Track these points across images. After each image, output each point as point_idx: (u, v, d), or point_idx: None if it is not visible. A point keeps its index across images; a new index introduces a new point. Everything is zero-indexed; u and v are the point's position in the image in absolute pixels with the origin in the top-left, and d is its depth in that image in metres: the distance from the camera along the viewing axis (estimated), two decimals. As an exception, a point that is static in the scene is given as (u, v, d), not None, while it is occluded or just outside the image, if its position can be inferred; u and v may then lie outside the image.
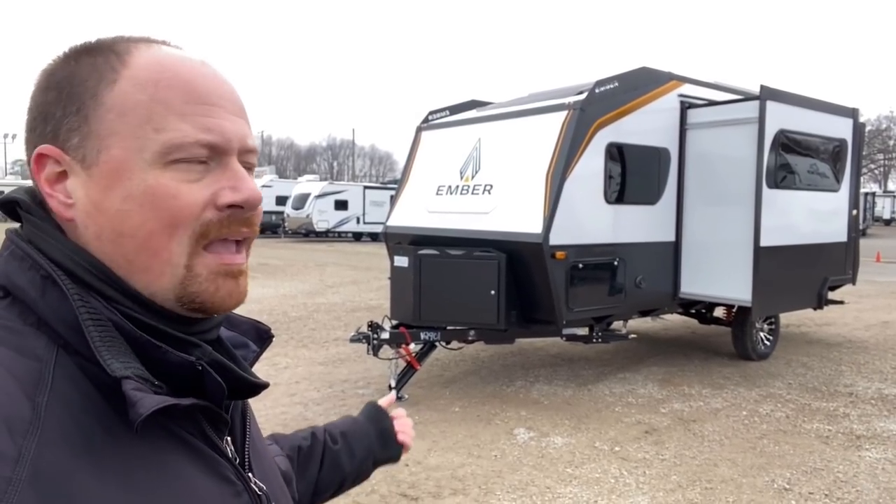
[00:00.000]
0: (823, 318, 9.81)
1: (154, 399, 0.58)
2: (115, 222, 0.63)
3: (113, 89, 0.63)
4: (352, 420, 1.21)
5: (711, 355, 7.61)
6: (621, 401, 5.90)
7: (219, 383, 0.65)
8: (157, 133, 0.62)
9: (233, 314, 0.81)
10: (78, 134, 0.63)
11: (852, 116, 7.33)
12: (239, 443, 0.74)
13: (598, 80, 5.90)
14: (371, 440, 1.18)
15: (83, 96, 0.63)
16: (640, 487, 4.17)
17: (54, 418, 0.56)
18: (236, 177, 0.66)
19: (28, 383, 0.57)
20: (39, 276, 0.62)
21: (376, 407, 1.25)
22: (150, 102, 0.62)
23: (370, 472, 1.19)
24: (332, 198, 28.49)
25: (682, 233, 6.70)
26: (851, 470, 4.44)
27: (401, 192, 7.24)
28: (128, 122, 0.62)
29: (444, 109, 7.55)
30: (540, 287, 5.71)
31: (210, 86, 0.66)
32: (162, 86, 0.63)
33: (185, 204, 0.63)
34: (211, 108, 0.65)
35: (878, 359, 7.50)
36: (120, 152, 0.62)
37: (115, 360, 0.59)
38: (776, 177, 6.44)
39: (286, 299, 11.45)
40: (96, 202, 0.63)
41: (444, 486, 4.16)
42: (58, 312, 0.61)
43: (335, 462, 1.12)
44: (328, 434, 1.15)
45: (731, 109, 6.52)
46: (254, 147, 0.70)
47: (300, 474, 1.07)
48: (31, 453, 0.53)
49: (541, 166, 5.73)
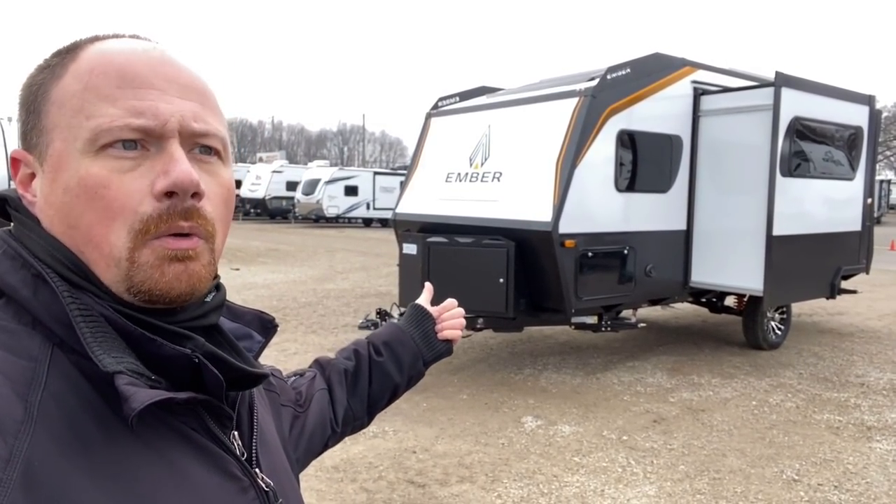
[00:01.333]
0: (836, 308, 9.73)
1: (148, 393, 0.57)
2: (61, 214, 0.62)
3: (57, 84, 0.63)
4: (394, 327, 1.21)
5: (722, 344, 7.57)
6: (630, 389, 5.89)
7: (216, 375, 0.64)
8: (87, 120, 0.61)
9: (236, 305, 0.81)
10: (35, 132, 0.64)
11: (868, 104, 7.21)
12: (246, 437, 0.73)
13: (610, 67, 5.83)
14: (415, 344, 1.19)
15: (38, 94, 0.64)
16: (647, 477, 4.17)
17: (48, 418, 0.55)
18: (170, 160, 0.62)
19: (20, 383, 0.56)
20: (31, 274, 0.62)
21: (417, 308, 1.24)
22: (83, 91, 0.62)
23: (423, 372, 1.21)
24: (343, 183, 28.49)
25: (694, 221, 6.64)
26: (861, 461, 4.41)
27: (410, 178, 7.21)
28: (64, 113, 0.62)
29: (454, 96, 7.49)
30: (549, 275, 5.69)
31: (148, 69, 0.64)
32: (95, 73, 0.62)
33: (119, 194, 0.61)
34: (145, 92, 0.62)
35: (890, 349, 7.43)
36: (60, 144, 0.62)
37: (107, 355, 0.58)
38: (790, 165, 6.35)
39: (296, 285, 11.48)
40: (46, 196, 0.63)
41: (452, 473, 4.17)
42: (50, 310, 0.60)
43: (383, 373, 1.14)
44: (372, 346, 1.17)
45: (745, 96, 6.42)
46: (203, 130, 0.65)
47: (351, 392, 1.11)
48: (23, 454, 0.53)
49: (551, 154, 5.68)
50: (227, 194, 0.69)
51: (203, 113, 0.66)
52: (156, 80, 0.63)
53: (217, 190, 0.67)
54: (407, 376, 1.17)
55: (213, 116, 0.67)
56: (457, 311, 1.27)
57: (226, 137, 0.69)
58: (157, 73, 0.64)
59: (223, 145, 0.68)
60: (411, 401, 5.52)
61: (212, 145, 0.67)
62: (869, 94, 7.25)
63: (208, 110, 0.67)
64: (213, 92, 0.70)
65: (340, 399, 1.10)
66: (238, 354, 0.73)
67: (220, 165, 0.68)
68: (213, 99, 0.69)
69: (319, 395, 1.07)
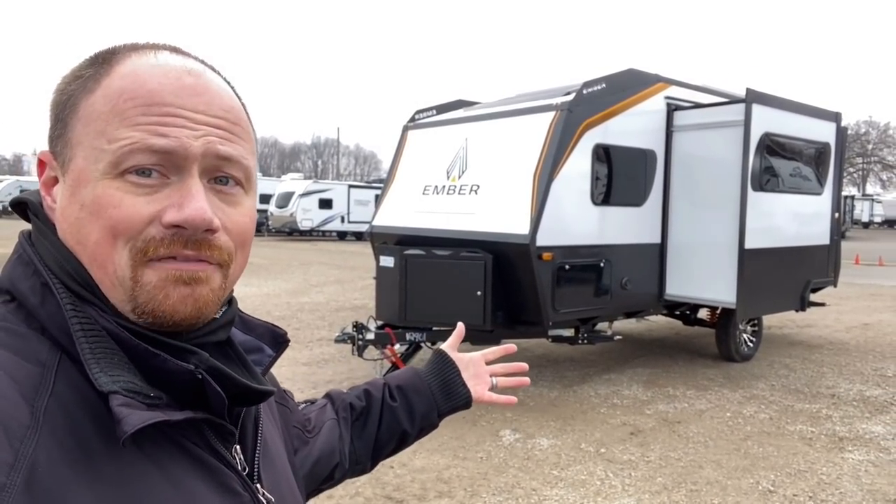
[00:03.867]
0: (805, 320, 9.91)
1: (141, 416, 0.56)
2: (73, 229, 0.63)
3: (88, 99, 0.63)
4: (413, 373, 1.15)
5: (695, 356, 7.65)
6: (606, 402, 5.90)
7: (218, 393, 0.63)
8: (109, 144, 0.61)
9: (249, 317, 0.81)
10: (60, 141, 0.64)
11: (835, 120, 7.40)
12: (249, 452, 0.72)
13: (586, 82, 5.90)
14: (432, 394, 1.12)
15: (67, 104, 0.64)
16: (625, 489, 4.17)
17: (53, 424, 0.55)
18: (186, 194, 0.61)
19: (28, 387, 0.56)
20: (39, 282, 0.62)
21: (440, 355, 1.18)
22: (108, 115, 0.61)
23: (437, 424, 1.14)
24: (317, 196, 28.31)
25: (668, 234, 6.72)
26: (835, 472, 4.47)
27: (387, 191, 7.19)
28: (89, 132, 0.62)
29: (431, 109, 7.51)
30: (526, 288, 5.69)
31: (178, 96, 0.62)
32: (125, 97, 0.61)
33: (126, 214, 0.60)
34: (171, 118, 0.61)
35: (858, 360, 7.58)
36: (81, 161, 0.62)
37: (104, 373, 0.57)
38: (761, 179, 6.48)
39: (269, 298, 11.35)
40: (63, 208, 0.64)
41: (430, 488, 4.13)
42: (55, 321, 0.60)
43: (393, 419, 1.09)
44: (388, 389, 1.12)
45: (716, 112, 6.54)
46: (226, 154, 0.64)
47: (358, 433, 1.07)
48: (28, 459, 0.52)
49: (528, 167, 5.71)
50: (249, 224, 0.68)
51: (230, 139, 0.65)
52: (185, 108, 0.62)
53: (238, 219, 0.66)
54: (419, 427, 1.12)
55: (241, 144, 0.66)
56: (517, 366, 1.22)
57: (250, 167, 0.68)
58: (188, 100, 0.63)
59: (246, 175, 0.67)
60: (388, 415, 5.46)
61: (233, 174, 0.66)
62: (836, 111, 7.44)
63: (236, 137, 0.66)
64: (247, 119, 0.69)
65: (345, 436, 1.07)
66: (246, 369, 0.73)
67: (242, 195, 0.67)
68: (244, 126, 0.68)
69: (330, 424, 1.05)
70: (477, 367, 1.18)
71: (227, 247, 0.65)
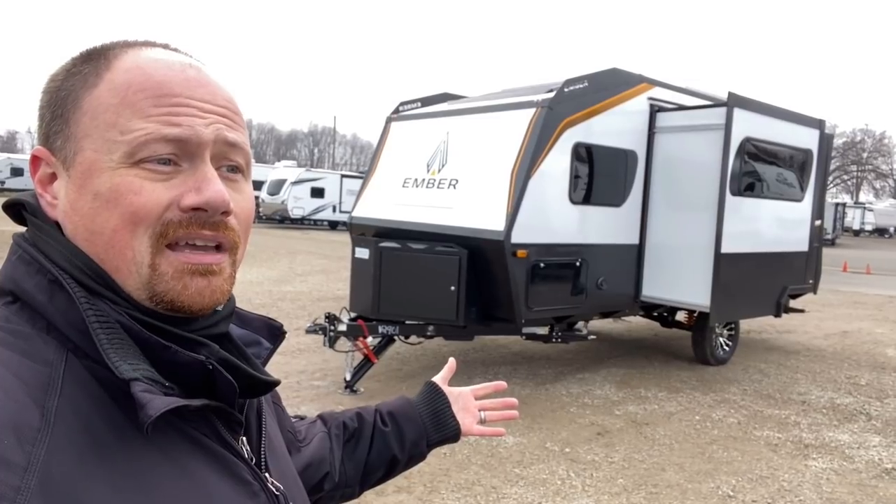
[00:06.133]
0: (784, 326, 9.94)
1: (164, 401, 0.57)
2: (86, 220, 0.63)
3: (91, 93, 0.64)
4: (404, 401, 1.17)
5: (671, 358, 7.65)
6: (577, 401, 5.90)
7: (230, 382, 0.65)
8: (122, 135, 0.62)
9: (244, 311, 0.82)
10: (61, 136, 0.64)
11: (819, 127, 7.38)
12: (255, 442, 0.74)
13: (568, 79, 5.86)
14: (422, 422, 1.14)
15: (67, 100, 0.64)
16: (585, 490, 4.16)
17: (64, 424, 0.56)
18: (203, 178, 0.64)
19: (37, 388, 0.56)
20: (46, 280, 0.62)
21: (431, 386, 1.20)
22: (119, 106, 0.63)
23: (425, 453, 1.16)
24: (309, 185, 28.20)
25: (646, 236, 6.70)
26: (796, 479, 4.47)
27: (367, 182, 7.15)
28: (98, 125, 0.63)
29: (416, 101, 7.46)
30: (500, 285, 5.67)
31: (185, 87, 0.65)
32: (133, 89, 0.63)
33: (147, 200, 0.62)
34: (182, 108, 0.64)
35: (833, 368, 7.60)
36: (91, 154, 0.63)
37: (124, 362, 0.58)
38: (740, 184, 6.47)
39: (251, 286, 11.30)
40: (72, 201, 0.64)
41: (389, 483, 4.10)
42: (66, 316, 0.61)
43: (384, 443, 1.10)
44: (378, 414, 1.13)
45: (698, 115, 6.52)
46: (234, 140, 0.67)
47: (349, 455, 1.08)
48: (41, 461, 0.53)
49: (506, 163, 5.68)
50: (250, 209, 0.71)
51: (234, 127, 0.68)
52: (193, 99, 0.65)
53: (243, 205, 0.69)
54: (408, 454, 1.12)
55: (241, 132, 0.70)
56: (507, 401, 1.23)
57: (250, 154, 0.72)
58: (195, 91, 0.65)
59: (246, 161, 0.70)
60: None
61: (238, 162, 0.69)
62: (819, 118, 7.43)
63: (238, 126, 0.69)
64: (241, 111, 0.72)
65: (336, 451, 1.07)
66: (247, 362, 0.73)
67: (243, 182, 0.70)
68: (242, 117, 0.71)
69: (321, 436, 1.06)
70: (466, 401, 1.21)
71: (237, 229, 0.68)
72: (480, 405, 1.22)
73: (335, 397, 5.68)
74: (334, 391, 5.83)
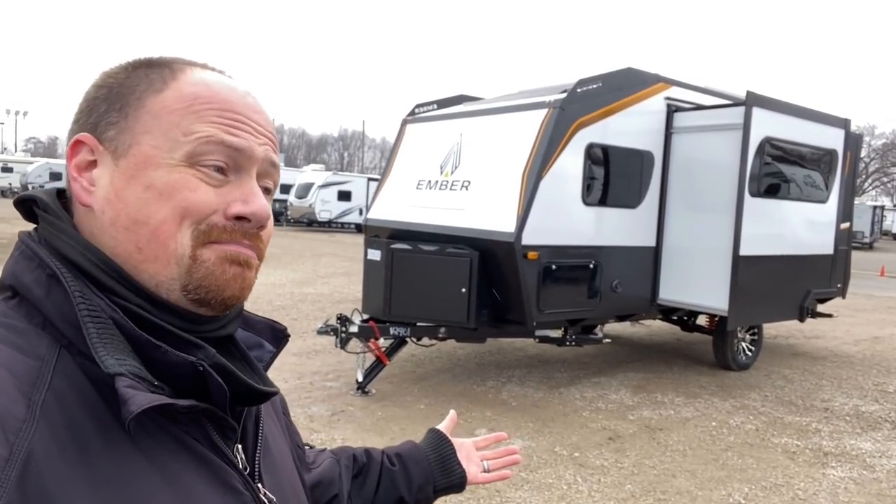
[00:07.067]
0: (813, 331, 9.68)
1: (147, 397, 0.57)
2: (132, 209, 0.65)
3: (157, 96, 0.67)
4: (411, 444, 1.18)
5: (691, 363, 7.50)
6: (590, 405, 5.82)
7: (220, 386, 0.64)
8: (185, 137, 0.66)
9: (248, 314, 0.82)
10: (115, 128, 0.66)
11: (844, 127, 7.17)
12: (250, 451, 0.72)
13: (580, 80, 5.80)
14: (429, 466, 1.14)
15: (129, 97, 0.67)
16: (591, 495, 4.09)
17: (49, 419, 0.56)
18: (250, 192, 0.68)
19: (26, 381, 0.56)
20: (45, 274, 0.63)
21: (435, 433, 1.20)
22: (184, 111, 0.66)
23: (432, 499, 1.14)
24: (336, 188, 28.40)
25: (663, 238, 6.58)
26: (812, 487, 4.34)
27: (383, 184, 7.17)
28: (160, 124, 0.66)
29: (432, 103, 7.45)
30: (511, 287, 5.63)
31: (245, 109, 0.70)
32: (200, 100, 0.67)
33: (200, 199, 0.65)
34: (241, 125, 0.68)
35: (861, 374, 7.37)
36: (149, 149, 0.65)
37: (111, 356, 0.58)
38: (759, 185, 6.31)
39: (274, 287, 11.41)
40: (118, 189, 0.65)
41: (392, 484, 4.09)
42: (61, 310, 0.61)
43: (392, 484, 1.10)
44: (385, 455, 1.13)
45: (716, 114, 6.38)
46: (276, 164, 0.72)
47: (356, 491, 1.07)
48: (22, 453, 0.53)
49: (518, 164, 5.64)
50: (272, 227, 0.75)
51: (276, 152, 0.73)
52: (251, 120, 0.70)
53: (270, 224, 0.73)
54: (415, 497, 1.11)
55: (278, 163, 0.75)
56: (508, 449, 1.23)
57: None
58: (252, 115, 0.70)
59: (275, 185, 0.75)
60: (367, 409, 5.45)
61: (275, 181, 0.74)
62: (844, 117, 7.21)
63: (277, 154, 0.74)
64: None
65: (345, 478, 1.05)
66: (250, 367, 0.75)
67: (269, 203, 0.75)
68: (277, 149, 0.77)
69: (331, 461, 1.05)
70: (469, 451, 1.20)
71: (265, 243, 0.72)
72: (482, 456, 1.22)
73: (347, 398, 5.69)
74: (346, 392, 5.85)
